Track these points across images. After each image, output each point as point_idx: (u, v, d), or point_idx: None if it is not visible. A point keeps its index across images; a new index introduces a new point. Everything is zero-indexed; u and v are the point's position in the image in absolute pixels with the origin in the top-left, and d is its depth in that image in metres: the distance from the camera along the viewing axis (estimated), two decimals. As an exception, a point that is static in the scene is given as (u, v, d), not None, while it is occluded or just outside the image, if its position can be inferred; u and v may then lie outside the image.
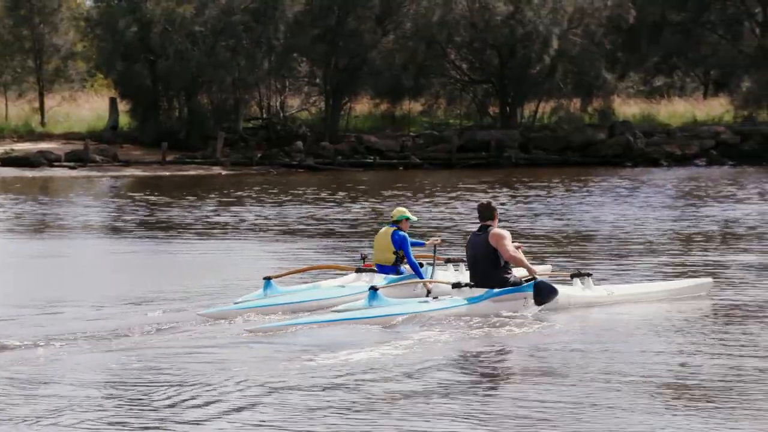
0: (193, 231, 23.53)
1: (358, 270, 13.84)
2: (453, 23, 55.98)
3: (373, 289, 12.12)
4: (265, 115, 56.89)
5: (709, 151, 54.84)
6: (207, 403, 8.55)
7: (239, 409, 8.40)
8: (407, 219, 13.74)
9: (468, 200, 31.23)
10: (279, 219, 26.16)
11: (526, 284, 12.41)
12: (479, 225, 12.68)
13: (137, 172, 47.64)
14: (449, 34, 56.44)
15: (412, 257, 13.51)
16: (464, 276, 13.28)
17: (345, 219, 26.04)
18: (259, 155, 51.62)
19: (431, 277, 13.54)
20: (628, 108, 61.87)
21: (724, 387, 9.10)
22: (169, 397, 8.68)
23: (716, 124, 58.03)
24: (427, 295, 12.91)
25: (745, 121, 58.14)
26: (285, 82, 57.35)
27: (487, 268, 12.37)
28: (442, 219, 25.77)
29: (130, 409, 8.39)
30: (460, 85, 59.12)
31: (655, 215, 26.25)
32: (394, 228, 13.66)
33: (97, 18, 55.69)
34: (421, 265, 13.64)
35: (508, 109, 57.39)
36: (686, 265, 16.81)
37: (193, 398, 8.70)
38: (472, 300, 12.25)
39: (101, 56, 56.25)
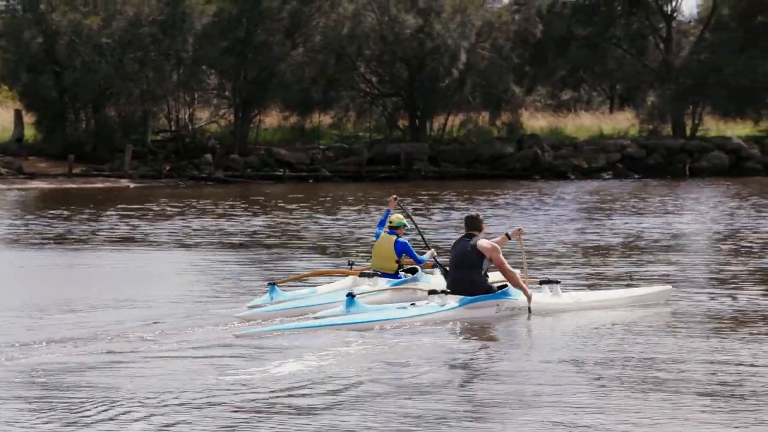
0: (96, 243, 23.27)
1: (362, 274, 14.35)
2: (362, 36, 56.15)
3: (350, 296, 12.48)
4: (173, 128, 56.49)
5: (615, 164, 55.65)
6: (119, 418, 8.45)
7: (151, 424, 8.32)
8: (404, 225, 14.50)
9: (374, 213, 31.29)
10: (185, 231, 25.97)
11: (499, 291, 12.98)
12: (465, 233, 13.27)
13: (43, 185, 47.01)
14: (359, 47, 56.61)
15: (419, 257, 14.35)
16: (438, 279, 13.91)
17: (251, 231, 25.93)
18: (167, 168, 51.27)
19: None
20: (535, 121, 62.49)
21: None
22: (77, 413, 8.56)
23: (622, 137, 58.90)
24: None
25: (649, 135, 59.08)
26: (194, 95, 57.05)
27: (470, 274, 12.90)
28: (348, 230, 25.78)
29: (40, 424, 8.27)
30: (369, 98, 59.26)
31: (561, 228, 26.51)
32: (395, 236, 14.35)
33: (2, 29, 54.87)
34: (414, 271, 14.33)
35: (417, 122, 57.67)
36: (601, 276, 17.02)
37: (103, 412, 8.59)
38: (447, 307, 12.63)
39: (6, 68, 55.41)
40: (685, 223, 27.89)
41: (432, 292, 12.84)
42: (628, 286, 15.38)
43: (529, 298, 12.98)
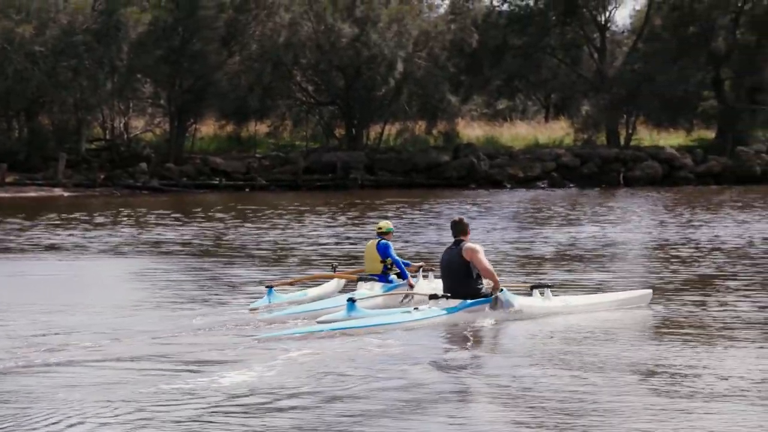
0: (26, 252, 23.01)
1: (360, 279, 14.95)
2: (299, 45, 56.10)
3: (351, 301, 12.94)
4: (108, 137, 56.06)
5: (550, 173, 56.01)
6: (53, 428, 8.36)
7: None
8: (392, 231, 15.31)
9: (312, 222, 31.26)
10: (119, 240, 25.76)
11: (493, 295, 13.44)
12: (453, 240, 13.60)
13: (-26, 194, 46.45)
14: (295, 55, 56.56)
15: (396, 257, 14.93)
16: (434, 284, 14.47)
17: (185, 240, 25.78)
18: (102, 177, 50.88)
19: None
20: (471, 131, 62.75)
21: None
22: (7, 424, 8.47)
23: (557, 146, 59.32)
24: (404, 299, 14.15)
25: (584, 145, 59.55)
26: (129, 103, 56.64)
27: (461, 280, 13.28)
28: (283, 239, 25.72)
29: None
30: (306, 107, 59.18)
31: (498, 236, 26.61)
32: (379, 239, 15.04)
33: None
34: (426, 272, 15.20)
35: (353, 130, 57.69)
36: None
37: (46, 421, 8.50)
38: (448, 310, 13.08)
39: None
40: (621, 231, 28.11)
41: (432, 296, 13.26)
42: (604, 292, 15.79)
43: (495, 288, 13.40)
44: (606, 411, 8.86)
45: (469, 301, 13.24)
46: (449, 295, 13.21)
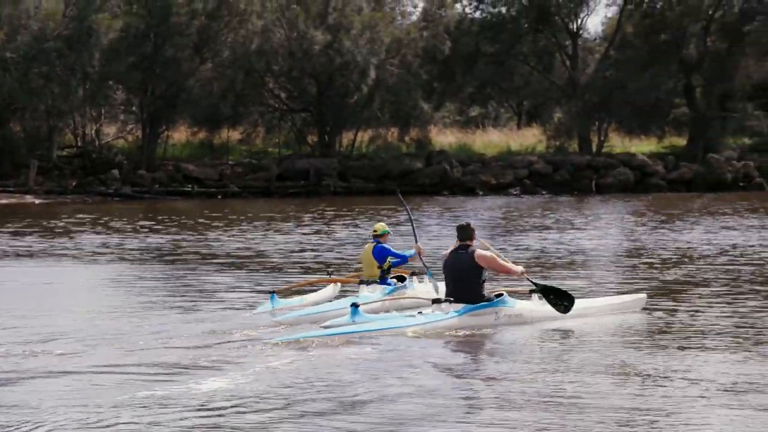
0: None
1: (361, 282, 15.27)
2: (271, 52, 56.04)
3: (354, 306, 13.08)
4: (80, 143, 55.81)
5: (523, 180, 56.12)
6: None
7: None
8: (388, 233, 15.56)
9: (283, 230, 31.21)
10: (89, 247, 25.64)
11: (497, 299, 13.67)
12: (459, 244, 13.76)
13: (-55, 201, 46.16)
14: (267, 62, 56.50)
15: (395, 251, 15.40)
16: (428, 286, 14.82)
17: (155, 247, 25.69)
18: (74, 184, 50.67)
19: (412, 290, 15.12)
20: (444, 138, 62.83)
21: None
22: None
23: (530, 154, 59.45)
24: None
25: (556, 152, 59.72)
26: (101, 110, 56.43)
27: (470, 284, 13.46)
28: (256, 244, 25.67)
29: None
30: (278, 114, 59.13)
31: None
32: (375, 243, 15.37)
33: None
34: (403, 279, 15.45)
35: (326, 137, 57.66)
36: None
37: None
38: (451, 315, 13.24)
39: None
40: (595, 238, 28.21)
41: (435, 300, 13.43)
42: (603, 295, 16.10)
43: (523, 272, 14.10)
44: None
45: (472, 305, 13.43)
46: (452, 299, 13.41)
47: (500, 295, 13.79)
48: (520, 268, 14.08)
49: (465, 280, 13.50)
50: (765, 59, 61.49)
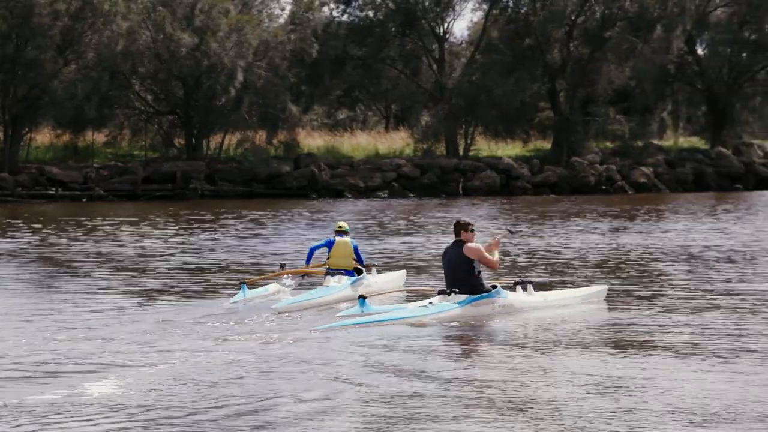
0: None
1: (328, 272, 16.59)
2: (137, 54, 55.46)
3: (362, 298, 14.31)
4: (-62, 146, 54.49)
5: (391, 183, 56.47)
6: None
7: None
8: (348, 231, 17.38)
9: (151, 234, 30.92)
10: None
11: (494, 290, 14.92)
12: (454, 239, 14.95)
13: None
14: (133, 64, 55.91)
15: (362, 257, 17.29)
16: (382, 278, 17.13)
17: (18, 249, 25.27)
18: (-69, 187, 49.48)
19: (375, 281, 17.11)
20: (312, 140, 62.92)
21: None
22: None
23: (397, 157, 59.84)
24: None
25: (424, 155, 60.20)
26: (-40, 112, 55.17)
27: (463, 277, 14.70)
28: (120, 246, 25.40)
29: None
30: (145, 116, 58.55)
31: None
32: (347, 238, 17.01)
33: None
34: (369, 268, 17.24)
35: (194, 140, 57.28)
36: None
37: None
38: (458, 304, 14.47)
39: None
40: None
41: (441, 292, 14.68)
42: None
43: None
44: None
45: (473, 296, 14.61)
46: (457, 290, 14.56)
47: (495, 286, 15.04)
48: (496, 261, 15.24)
49: (459, 273, 14.70)
50: (625, 64, 62.90)
